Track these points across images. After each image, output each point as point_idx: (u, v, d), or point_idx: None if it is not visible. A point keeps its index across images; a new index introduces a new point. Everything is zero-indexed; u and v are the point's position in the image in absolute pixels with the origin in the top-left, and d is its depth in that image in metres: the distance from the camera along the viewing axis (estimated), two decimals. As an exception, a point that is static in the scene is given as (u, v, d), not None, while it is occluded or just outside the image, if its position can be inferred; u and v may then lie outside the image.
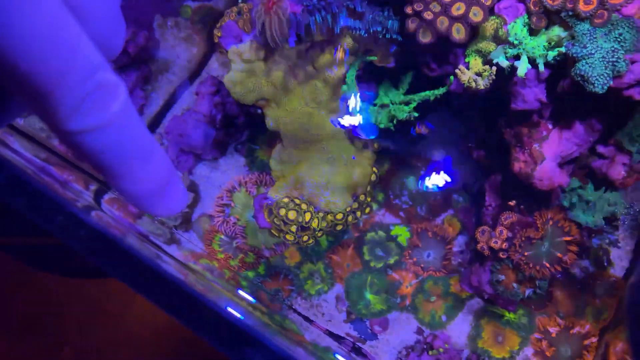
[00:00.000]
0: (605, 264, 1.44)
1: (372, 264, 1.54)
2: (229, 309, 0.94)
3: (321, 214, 1.09)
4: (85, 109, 0.22)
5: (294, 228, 1.05)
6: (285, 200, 1.07)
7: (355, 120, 1.07)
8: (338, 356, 1.37)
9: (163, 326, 1.88)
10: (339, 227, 1.15)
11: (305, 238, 1.09)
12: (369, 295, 1.52)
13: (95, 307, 1.73)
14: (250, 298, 1.42)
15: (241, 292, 1.44)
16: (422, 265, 1.51)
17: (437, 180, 1.17)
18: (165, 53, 1.56)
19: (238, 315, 0.92)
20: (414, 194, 1.60)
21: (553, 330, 1.40)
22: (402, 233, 1.56)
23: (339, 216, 1.09)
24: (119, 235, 1.04)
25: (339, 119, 1.08)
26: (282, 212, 1.05)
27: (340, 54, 1.02)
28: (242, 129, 1.60)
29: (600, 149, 1.07)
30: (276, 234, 1.10)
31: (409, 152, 1.59)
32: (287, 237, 1.06)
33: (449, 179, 1.17)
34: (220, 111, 1.52)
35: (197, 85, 1.51)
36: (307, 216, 1.06)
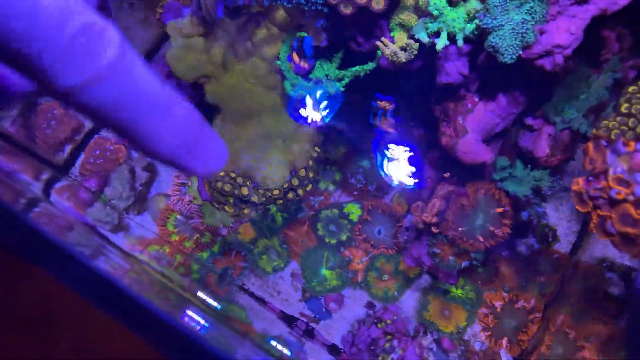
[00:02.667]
0: (550, 239, 1.47)
1: (326, 240, 1.57)
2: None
3: (261, 190, 1.11)
4: (75, 60, 0.19)
5: (231, 200, 1.07)
6: (222, 174, 1.09)
7: (313, 110, 1.10)
8: (273, 342, 1.38)
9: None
10: (279, 202, 1.18)
11: (246, 211, 1.12)
12: (325, 271, 1.56)
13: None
14: (208, 299, 1.42)
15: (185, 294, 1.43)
16: (372, 242, 1.55)
17: (402, 168, 1.17)
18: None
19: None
20: (367, 173, 1.63)
21: (498, 304, 1.43)
22: (354, 210, 1.59)
23: (276, 192, 1.12)
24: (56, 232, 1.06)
25: (303, 113, 1.11)
26: (219, 185, 1.08)
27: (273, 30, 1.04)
28: (201, 111, 1.61)
29: (529, 120, 1.10)
30: (217, 206, 1.12)
31: (363, 137, 1.62)
32: (227, 208, 1.09)
33: (413, 169, 1.17)
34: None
35: (152, 66, 1.53)
36: (244, 190, 1.09)
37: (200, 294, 1.46)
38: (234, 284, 1.51)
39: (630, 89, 0.66)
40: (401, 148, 1.21)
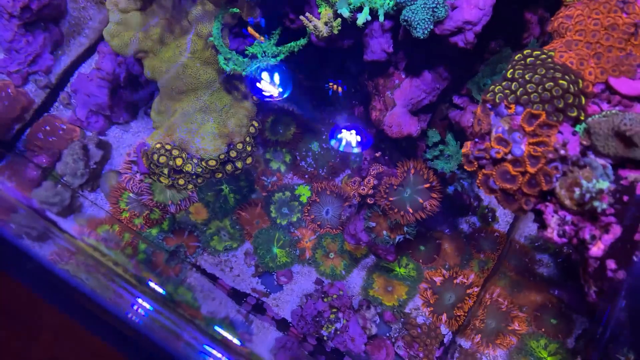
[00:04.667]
0: (490, 219, 1.53)
1: (278, 221, 1.61)
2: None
3: (195, 160, 1.14)
4: None
5: (165, 171, 1.10)
6: (158, 146, 1.12)
7: (270, 86, 1.13)
8: (217, 328, 1.39)
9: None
10: (219, 175, 1.21)
11: (181, 182, 1.15)
12: (276, 250, 1.59)
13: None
14: (153, 285, 1.41)
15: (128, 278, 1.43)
16: (319, 223, 1.59)
17: (350, 139, 1.21)
18: (77, 13, 1.59)
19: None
20: (317, 156, 1.67)
21: (438, 279, 1.48)
22: (304, 192, 1.63)
23: (212, 162, 1.15)
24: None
25: (260, 86, 1.13)
26: (155, 157, 1.11)
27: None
28: (147, 87, 1.63)
29: (456, 99, 1.14)
30: (153, 178, 1.15)
31: (313, 118, 1.66)
32: (162, 179, 1.12)
33: (358, 139, 1.21)
34: (124, 70, 1.56)
35: (100, 44, 1.54)
36: (179, 161, 1.12)
37: (146, 278, 1.47)
38: (186, 262, 1.54)
39: (516, 57, 0.71)
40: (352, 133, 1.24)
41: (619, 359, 0.66)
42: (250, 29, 1.07)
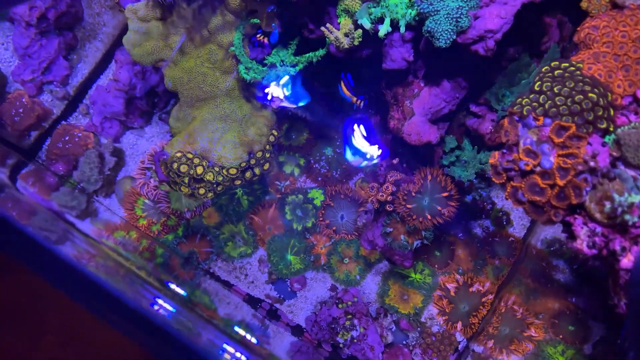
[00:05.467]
0: (505, 223, 1.53)
1: (294, 225, 1.62)
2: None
3: (216, 169, 1.15)
4: None
5: (186, 180, 1.11)
6: (178, 154, 1.13)
7: (281, 92, 1.13)
8: (236, 328, 1.41)
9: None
10: (238, 182, 1.22)
11: (202, 191, 1.16)
12: (290, 257, 1.60)
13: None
14: (173, 286, 1.44)
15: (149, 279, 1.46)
16: (334, 228, 1.59)
17: (366, 148, 1.19)
18: (91, 19, 1.60)
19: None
20: (330, 160, 1.67)
21: (451, 286, 1.48)
22: (317, 196, 1.63)
23: (232, 171, 1.16)
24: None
25: (267, 93, 1.14)
26: (175, 165, 1.11)
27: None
28: (164, 98, 1.65)
29: (473, 108, 1.15)
30: (173, 187, 1.16)
31: (326, 124, 1.67)
32: (182, 188, 1.13)
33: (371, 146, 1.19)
34: (141, 80, 1.57)
35: (117, 51, 1.55)
36: (199, 170, 1.12)
37: (165, 280, 1.49)
38: (200, 269, 1.55)
39: (544, 68, 0.71)
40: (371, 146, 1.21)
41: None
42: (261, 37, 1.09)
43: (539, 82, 0.70)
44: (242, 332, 1.45)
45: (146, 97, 1.56)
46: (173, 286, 1.48)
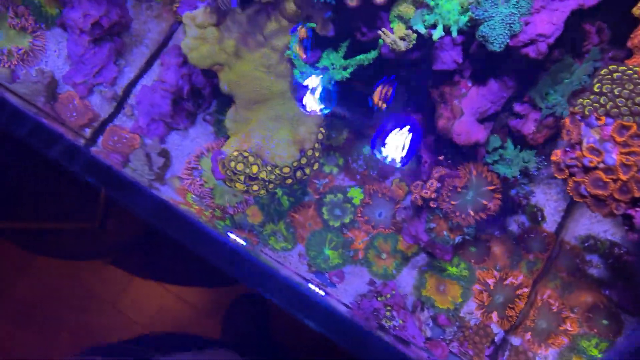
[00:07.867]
0: (539, 219, 1.57)
1: (330, 223, 1.68)
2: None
3: (269, 167, 1.21)
4: None
5: (242, 177, 1.17)
6: (235, 153, 1.19)
7: (314, 100, 1.19)
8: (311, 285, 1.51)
9: (156, 310, 1.99)
10: (289, 181, 1.28)
11: (255, 187, 1.22)
12: (328, 251, 1.66)
13: (91, 293, 1.84)
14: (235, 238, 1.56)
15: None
16: (372, 224, 1.65)
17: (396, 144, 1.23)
18: (138, 26, 1.67)
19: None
20: (368, 159, 1.73)
21: (491, 281, 1.53)
22: (357, 195, 1.69)
23: (286, 170, 1.22)
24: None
25: (305, 102, 1.20)
26: (232, 164, 1.18)
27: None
28: (209, 100, 1.72)
29: (517, 107, 1.20)
30: (229, 185, 1.22)
31: (364, 123, 1.72)
32: (237, 185, 1.19)
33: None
34: (187, 82, 1.63)
35: (162, 55, 1.62)
36: (254, 168, 1.18)
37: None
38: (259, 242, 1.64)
39: (602, 71, 0.76)
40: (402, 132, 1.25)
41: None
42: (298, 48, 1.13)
43: (598, 84, 0.75)
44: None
45: (192, 98, 1.62)
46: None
